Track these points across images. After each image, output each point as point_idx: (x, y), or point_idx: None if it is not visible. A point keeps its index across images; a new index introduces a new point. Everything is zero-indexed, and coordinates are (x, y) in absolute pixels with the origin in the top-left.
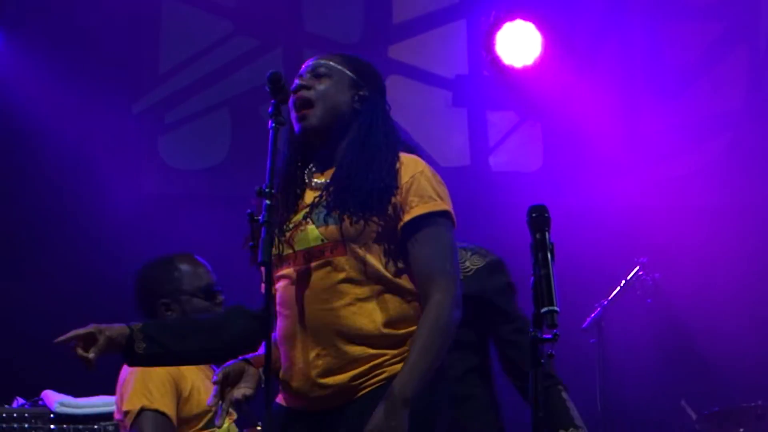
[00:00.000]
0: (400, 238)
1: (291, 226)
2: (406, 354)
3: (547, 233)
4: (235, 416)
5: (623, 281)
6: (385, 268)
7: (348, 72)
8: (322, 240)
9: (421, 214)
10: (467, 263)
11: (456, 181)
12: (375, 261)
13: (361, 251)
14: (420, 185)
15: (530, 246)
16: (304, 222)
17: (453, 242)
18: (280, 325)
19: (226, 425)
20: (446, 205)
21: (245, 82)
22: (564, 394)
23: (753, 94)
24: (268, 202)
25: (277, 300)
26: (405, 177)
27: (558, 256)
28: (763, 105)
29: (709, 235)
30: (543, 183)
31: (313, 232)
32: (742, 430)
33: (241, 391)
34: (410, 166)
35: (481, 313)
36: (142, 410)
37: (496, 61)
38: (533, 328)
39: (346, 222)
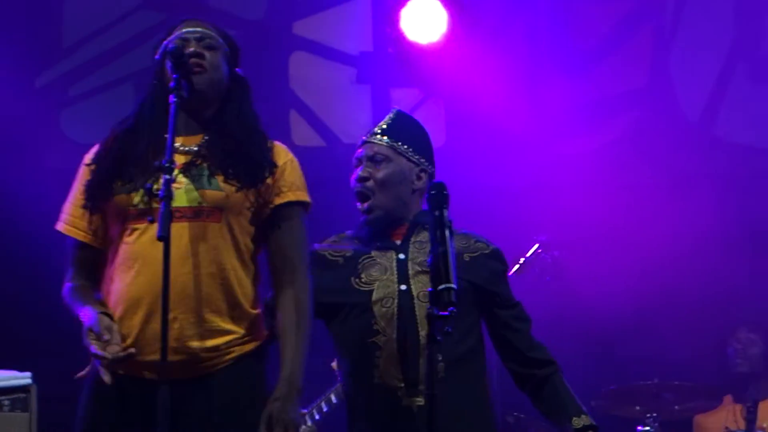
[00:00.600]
0: (265, 219)
1: (155, 178)
2: (252, 336)
3: (445, 210)
4: None
5: (522, 259)
6: (245, 245)
7: (227, 48)
8: (200, 203)
9: (292, 200)
10: (472, 248)
11: None
12: (241, 235)
13: (233, 222)
14: (293, 172)
15: (429, 223)
16: (177, 179)
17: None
18: (126, 281)
19: None
20: (309, 198)
21: (149, 57)
22: (564, 380)
23: (657, 73)
24: (167, 176)
25: (123, 254)
26: (279, 160)
27: None
28: (667, 85)
29: (609, 214)
30: (446, 160)
31: (191, 192)
32: (638, 407)
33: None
34: (281, 151)
35: (482, 299)
36: None
37: (400, 38)
38: (431, 306)
39: (229, 190)
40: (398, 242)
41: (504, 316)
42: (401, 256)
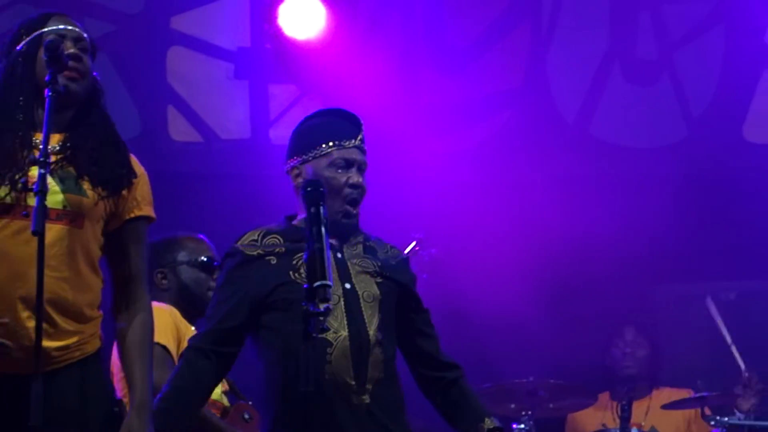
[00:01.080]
0: (113, 231)
1: (20, 176)
2: (95, 337)
3: (321, 207)
4: (227, 387)
5: None
6: (95, 253)
7: (91, 50)
8: (65, 206)
9: (144, 215)
10: (391, 252)
11: (236, 154)
12: (94, 243)
13: (90, 229)
14: (146, 186)
15: (305, 220)
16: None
17: None
18: None
19: (219, 391)
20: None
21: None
22: (469, 383)
23: (533, 72)
24: (42, 171)
25: None
26: (136, 172)
27: None
28: (543, 84)
29: (487, 212)
30: None
31: (56, 195)
32: (513, 405)
33: None
34: (136, 163)
35: (405, 302)
36: None
37: (278, 33)
38: (306, 302)
39: (94, 197)
40: (334, 242)
41: (418, 321)
42: (338, 255)
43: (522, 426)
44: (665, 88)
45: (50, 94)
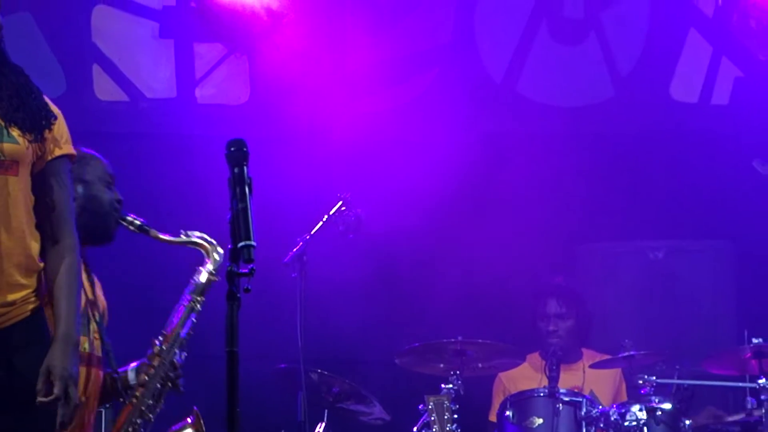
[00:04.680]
0: (39, 173)
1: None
2: (40, 290)
3: (245, 167)
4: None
5: (326, 216)
6: (31, 198)
7: None
8: (2, 156)
9: (66, 154)
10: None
11: (162, 114)
12: (28, 189)
13: (24, 175)
14: (64, 126)
15: (228, 180)
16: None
17: None
18: None
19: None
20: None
21: None
22: None
23: (460, 31)
24: None
25: None
26: (54, 113)
27: (261, 190)
28: (470, 43)
29: (413, 171)
30: (249, 116)
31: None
32: (442, 365)
33: None
34: (50, 103)
35: None
36: None
37: None
38: (230, 263)
39: (24, 143)
40: None
41: None
42: None
43: (450, 386)
44: (592, 47)
45: None
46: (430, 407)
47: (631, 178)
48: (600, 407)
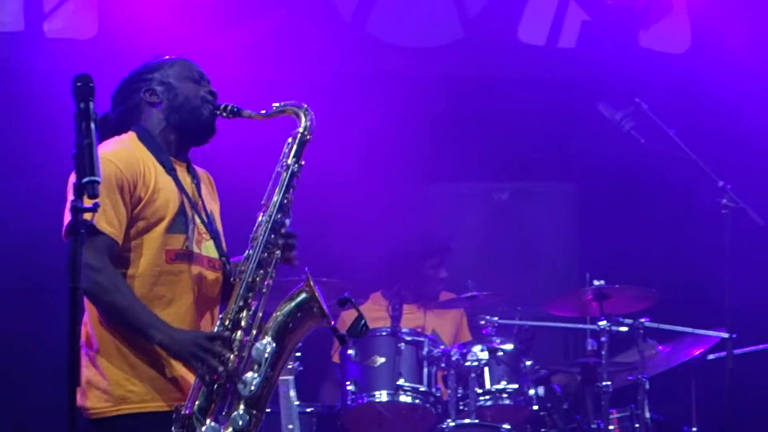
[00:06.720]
0: None
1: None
2: None
3: (91, 103)
4: None
5: None
6: None
7: None
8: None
9: None
10: None
11: (9, 47)
12: None
13: None
14: None
15: (73, 116)
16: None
17: None
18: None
19: None
20: None
21: None
22: None
23: None
24: None
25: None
26: None
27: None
28: None
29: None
30: (98, 51)
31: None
32: None
33: None
34: None
35: None
36: None
37: None
38: (75, 198)
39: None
40: None
41: None
42: None
43: None
44: None
45: None
46: None
47: (478, 119)
48: (442, 347)
